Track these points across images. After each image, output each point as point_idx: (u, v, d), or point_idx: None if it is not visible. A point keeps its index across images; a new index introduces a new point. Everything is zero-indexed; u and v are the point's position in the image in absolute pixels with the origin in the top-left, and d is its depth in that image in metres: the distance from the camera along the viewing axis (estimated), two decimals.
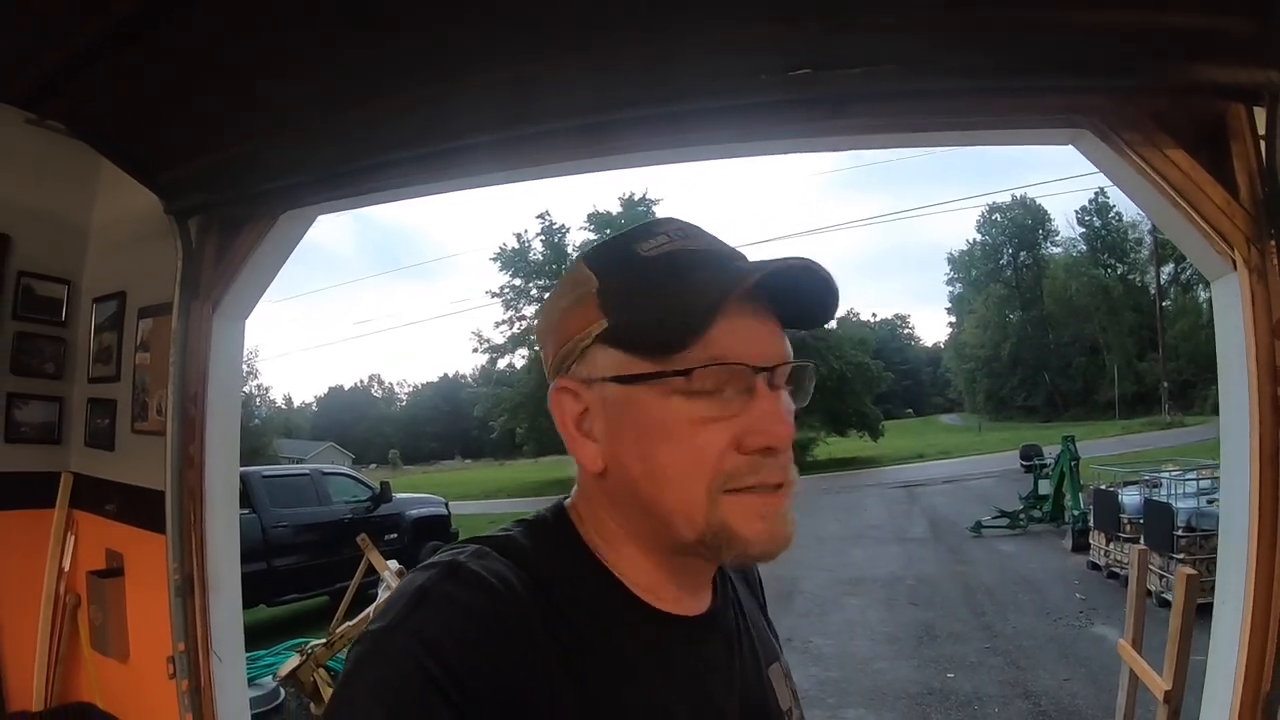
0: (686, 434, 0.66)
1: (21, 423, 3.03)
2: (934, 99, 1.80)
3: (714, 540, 0.67)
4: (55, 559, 3.04)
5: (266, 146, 2.39)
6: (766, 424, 0.66)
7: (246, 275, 2.70)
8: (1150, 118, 1.70)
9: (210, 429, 2.72)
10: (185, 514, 2.64)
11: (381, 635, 0.61)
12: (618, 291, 0.70)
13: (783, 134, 1.93)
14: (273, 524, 8.51)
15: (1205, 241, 1.70)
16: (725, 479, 0.66)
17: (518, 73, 1.95)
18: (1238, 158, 1.68)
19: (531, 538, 0.72)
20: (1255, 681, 1.60)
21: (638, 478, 0.68)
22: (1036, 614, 7.58)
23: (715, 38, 1.74)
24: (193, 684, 2.58)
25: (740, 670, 0.77)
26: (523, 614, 0.63)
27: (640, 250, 0.71)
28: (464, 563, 0.65)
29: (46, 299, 3.09)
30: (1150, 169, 1.70)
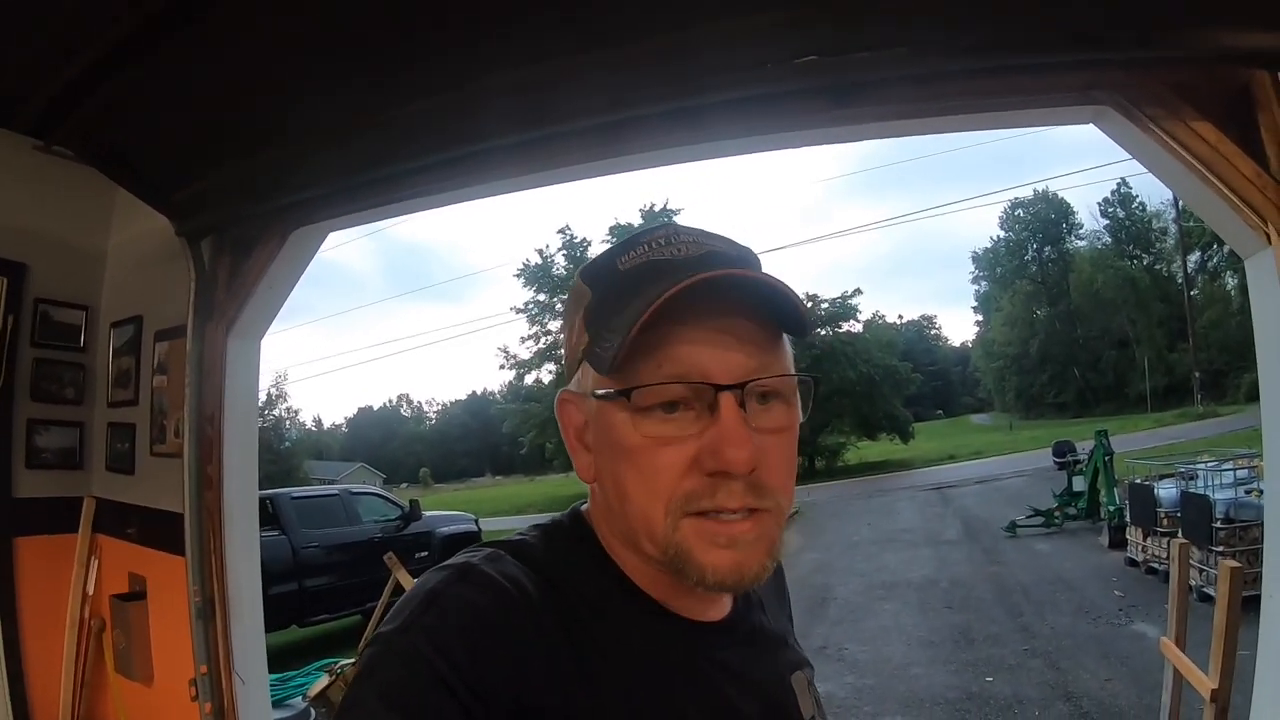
0: (644, 453, 0.65)
1: (43, 448, 3.04)
2: (947, 82, 1.72)
3: (673, 562, 0.65)
4: (79, 583, 3.05)
5: (273, 164, 2.39)
6: (720, 445, 0.62)
7: (260, 295, 2.69)
8: (1172, 90, 1.61)
9: (228, 450, 2.72)
10: (205, 535, 2.63)
11: (392, 636, 0.60)
12: (595, 308, 0.70)
13: (795, 125, 1.88)
14: (303, 545, 8.55)
15: (1236, 216, 1.61)
16: (684, 500, 0.64)
17: (528, 76, 1.92)
18: (1265, 128, 1.59)
19: (547, 541, 0.72)
20: None
21: (610, 492, 0.69)
22: (1075, 613, 7.39)
23: (724, 28, 1.70)
24: (216, 706, 2.56)
25: (761, 677, 0.76)
26: (535, 616, 0.62)
27: (619, 264, 0.70)
28: (476, 565, 0.65)
29: (64, 325, 3.11)
30: (1175, 143, 1.62)
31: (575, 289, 0.74)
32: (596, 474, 0.71)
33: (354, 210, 2.51)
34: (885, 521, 15.85)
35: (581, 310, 0.71)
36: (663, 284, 0.63)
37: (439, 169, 2.24)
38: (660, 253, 0.69)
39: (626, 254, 0.70)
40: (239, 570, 2.70)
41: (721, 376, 0.63)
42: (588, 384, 0.70)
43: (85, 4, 1.81)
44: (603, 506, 0.72)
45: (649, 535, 0.65)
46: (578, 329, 0.71)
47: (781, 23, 1.64)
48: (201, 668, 2.56)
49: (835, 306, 33.71)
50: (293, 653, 7.24)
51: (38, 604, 2.96)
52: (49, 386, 3.08)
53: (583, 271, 0.74)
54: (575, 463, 0.73)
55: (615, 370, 0.64)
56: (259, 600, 2.81)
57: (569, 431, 0.74)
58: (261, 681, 2.79)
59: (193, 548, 2.60)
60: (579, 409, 0.73)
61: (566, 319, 0.75)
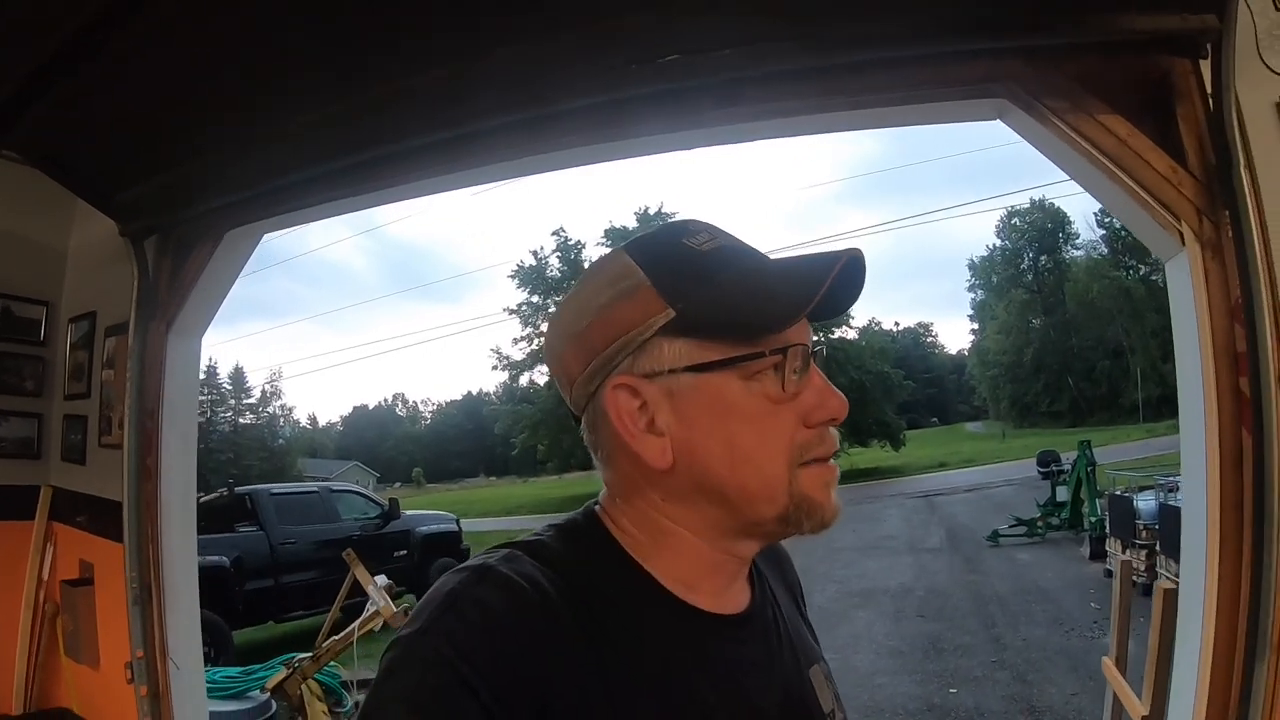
0: (771, 411, 0.67)
1: (2, 438, 3.06)
2: (833, 77, 1.62)
3: (796, 513, 0.68)
4: (34, 569, 3.06)
5: (205, 168, 2.38)
6: (827, 398, 0.69)
7: (198, 294, 2.69)
8: (1077, 81, 1.51)
9: (166, 443, 2.70)
10: (143, 525, 2.61)
11: (413, 639, 0.60)
12: (683, 281, 0.68)
13: (679, 125, 1.82)
14: (281, 541, 8.51)
15: (1150, 216, 1.50)
16: (799, 453, 0.67)
17: (453, 73, 1.90)
18: (1184, 119, 1.49)
19: (563, 541, 0.71)
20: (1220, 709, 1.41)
21: (717, 463, 0.67)
22: (1049, 625, 7.25)
23: (581, 33, 1.67)
24: (150, 690, 2.55)
25: (780, 669, 0.75)
26: (554, 615, 0.62)
27: (692, 244, 0.70)
28: (494, 566, 0.64)
29: (25, 320, 3.12)
30: (1081, 138, 1.51)
31: (613, 270, 0.71)
32: (682, 455, 0.68)
33: (284, 211, 2.48)
34: (870, 528, 15.71)
35: (643, 286, 0.68)
36: (804, 266, 0.69)
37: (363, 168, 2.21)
38: (728, 239, 0.72)
39: (692, 238, 0.71)
40: (175, 559, 2.68)
41: (808, 342, 0.70)
42: (672, 359, 0.67)
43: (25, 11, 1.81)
44: (688, 488, 0.69)
45: (770, 493, 0.67)
46: (641, 305, 0.68)
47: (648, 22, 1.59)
48: (138, 652, 2.55)
49: None
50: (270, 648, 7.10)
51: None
52: (9, 379, 3.09)
53: (632, 251, 0.72)
54: (641, 451, 0.68)
55: (753, 338, 0.66)
56: (195, 589, 2.79)
57: (623, 419, 0.68)
58: (196, 667, 2.77)
59: (130, 536, 2.59)
60: (637, 393, 0.68)
61: (598, 303, 0.70)
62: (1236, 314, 1.44)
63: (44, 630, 3.06)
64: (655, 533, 0.71)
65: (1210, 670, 1.42)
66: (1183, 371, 1.57)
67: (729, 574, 0.74)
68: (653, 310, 0.68)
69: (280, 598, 8.32)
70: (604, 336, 0.69)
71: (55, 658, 3.06)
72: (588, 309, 0.71)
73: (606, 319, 0.70)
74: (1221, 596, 1.41)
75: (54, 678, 3.08)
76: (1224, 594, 1.41)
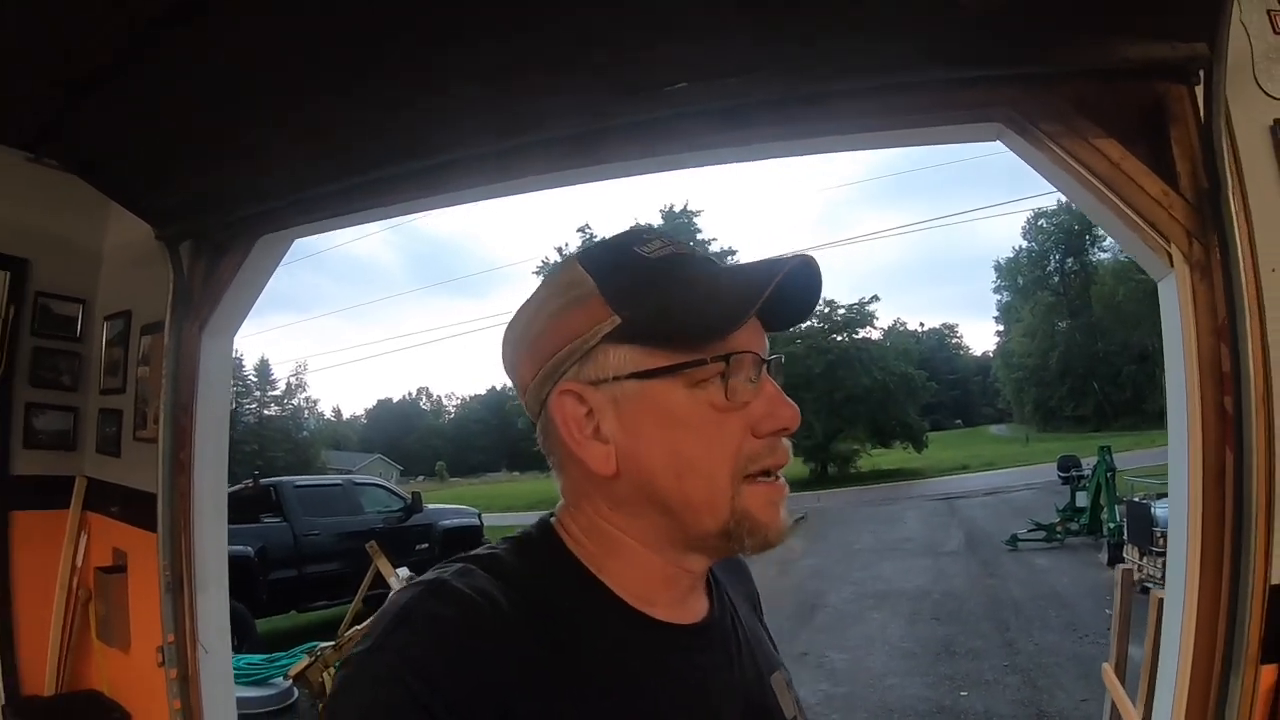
0: (716, 420, 0.67)
1: (39, 430, 3.17)
2: (839, 101, 1.68)
3: (737, 528, 0.67)
4: (69, 556, 3.17)
5: (239, 177, 2.48)
6: (777, 408, 0.69)
7: (231, 296, 2.79)
8: (1073, 106, 1.55)
9: (199, 437, 2.81)
10: (176, 515, 2.73)
11: (366, 657, 0.59)
12: (631, 289, 0.69)
13: (685, 146, 1.88)
14: (304, 532, 8.63)
15: (1140, 238, 1.54)
16: (745, 463, 0.67)
17: (487, 90, 1.95)
18: (1177, 143, 1.53)
19: (517, 553, 0.71)
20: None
21: (660, 472, 0.67)
22: (1063, 630, 7.22)
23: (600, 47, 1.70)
24: (180, 673, 2.66)
25: (741, 677, 0.75)
26: (508, 629, 0.61)
27: (642, 252, 0.71)
28: (448, 580, 0.64)
29: (62, 317, 3.24)
30: (1075, 161, 1.55)
31: (564, 278, 0.72)
32: (626, 463, 0.68)
33: (314, 219, 2.58)
34: (889, 530, 15.71)
35: (592, 294, 0.69)
36: (749, 271, 0.69)
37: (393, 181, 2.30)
38: (677, 248, 0.73)
39: (643, 245, 0.72)
40: (206, 549, 2.79)
41: (762, 351, 0.70)
42: (616, 367, 0.68)
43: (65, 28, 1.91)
44: (630, 496, 0.69)
45: (712, 505, 0.67)
46: (589, 313, 0.69)
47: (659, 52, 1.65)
48: (169, 637, 2.66)
49: (852, 312, 33.56)
50: (292, 637, 7.29)
51: (29, 575, 3.10)
52: (46, 373, 3.20)
53: (582, 259, 0.73)
54: (585, 457, 0.69)
55: (695, 345, 0.66)
56: (225, 577, 2.90)
57: (568, 425, 0.69)
58: (225, 652, 2.87)
59: (164, 526, 2.70)
60: (584, 399, 0.69)
61: (548, 311, 0.72)
62: (1223, 334, 1.47)
63: (76, 615, 3.17)
64: (606, 542, 0.71)
65: (1189, 680, 1.46)
66: (1171, 389, 1.60)
67: (684, 587, 0.74)
68: (599, 317, 0.68)
69: (303, 588, 8.45)
70: (553, 344, 0.70)
71: (87, 641, 3.17)
72: (539, 316, 0.72)
73: (556, 326, 0.70)
74: (1202, 608, 1.46)
75: (85, 661, 3.19)
76: (1204, 606, 1.45)
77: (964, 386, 70.67)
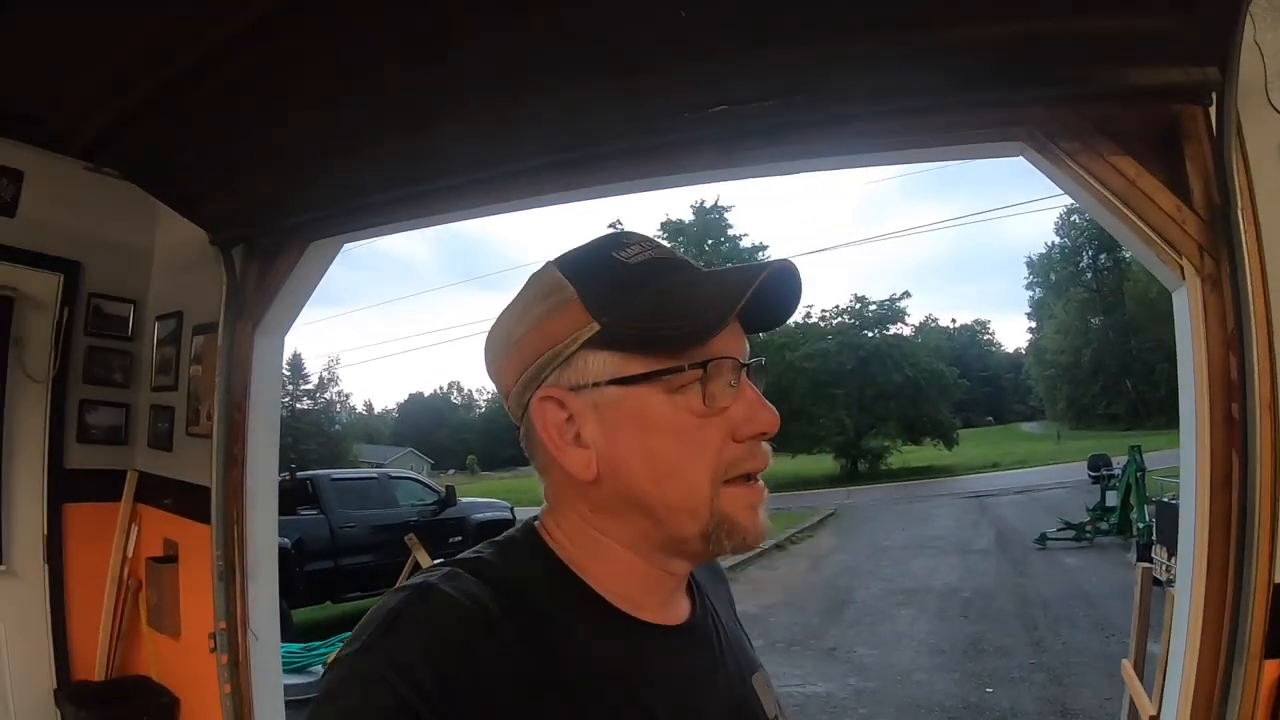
0: (695, 426, 0.67)
1: (92, 426, 3.33)
2: (868, 122, 1.77)
3: (716, 531, 0.68)
4: (120, 547, 3.33)
5: (290, 185, 2.61)
6: (756, 412, 0.69)
7: (282, 298, 2.92)
8: (1092, 125, 1.63)
9: (252, 433, 2.94)
10: (229, 507, 2.86)
11: (354, 660, 0.60)
12: (610, 295, 0.69)
13: (721, 164, 1.98)
14: (340, 525, 8.75)
15: (1153, 251, 1.62)
16: (725, 468, 0.68)
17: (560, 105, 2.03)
18: (1191, 160, 1.59)
19: (503, 557, 0.71)
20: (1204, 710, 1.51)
21: (640, 477, 0.68)
22: (1090, 629, 7.20)
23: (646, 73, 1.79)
24: (231, 659, 2.79)
25: (724, 678, 0.76)
26: (497, 632, 0.62)
27: (622, 258, 0.71)
28: (435, 584, 0.64)
29: (114, 317, 3.41)
30: (1091, 178, 1.63)
31: (544, 284, 0.72)
32: (607, 468, 0.69)
33: (362, 227, 2.70)
34: (919, 527, 15.63)
35: (572, 300, 0.70)
36: (728, 277, 0.70)
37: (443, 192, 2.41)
38: (658, 252, 0.73)
39: (622, 250, 0.72)
40: (258, 540, 2.92)
41: (741, 356, 0.70)
42: (596, 373, 0.68)
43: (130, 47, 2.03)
44: (611, 500, 0.70)
45: (692, 509, 0.68)
46: (569, 319, 0.69)
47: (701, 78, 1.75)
48: (220, 624, 2.79)
49: (883, 309, 33.24)
50: (328, 627, 7.44)
51: (81, 564, 3.26)
52: (99, 371, 3.36)
53: (561, 265, 0.73)
54: (566, 462, 0.70)
55: (673, 351, 0.67)
56: (274, 567, 3.02)
57: (549, 430, 0.70)
58: (273, 639, 3.00)
59: (217, 518, 2.83)
60: (564, 405, 0.70)
61: (530, 317, 0.72)
62: (1231, 344, 1.54)
63: (127, 604, 3.32)
64: (589, 545, 0.72)
65: (1196, 674, 1.54)
66: (1183, 395, 1.68)
67: (667, 589, 0.75)
68: (579, 324, 0.69)
69: (339, 579, 8.57)
70: (534, 349, 0.71)
71: (137, 629, 3.32)
72: (521, 322, 0.73)
73: (537, 332, 0.71)
74: (1209, 605, 1.53)
75: (135, 647, 3.35)
76: (1211, 603, 1.52)
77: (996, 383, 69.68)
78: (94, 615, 3.28)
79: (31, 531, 3.15)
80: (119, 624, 3.30)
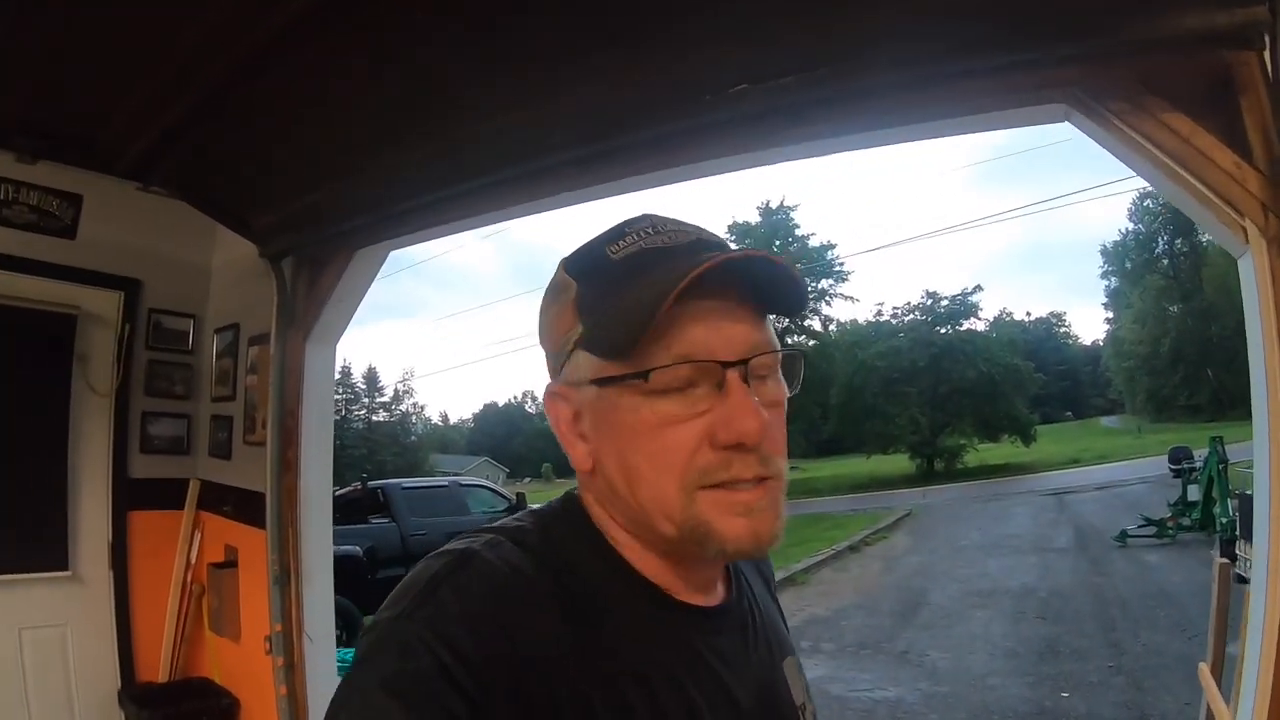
0: (656, 433, 0.64)
1: (155, 436, 3.46)
2: (898, 94, 1.66)
3: (692, 536, 0.65)
4: (183, 553, 3.44)
5: (335, 195, 2.64)
6: (734, 419, 0.63)
7: (332, 307, 2.98)
8: (1139, 81, 1.49)
9: (305, 439, 3.01)
10: (283, 512, 2.93)
11: (393, 624, 0.59)
12: (589, 296, 0.69)
13: (746, 146, 1.89)
14: (411, 532, 8.87)
15: (1215, 214, 1.46)
16: (699, 475, 0.64)
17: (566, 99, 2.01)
18: (1249, 113, 1.43)
19: (544, 528, 0.71)
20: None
21: (615, 477, 0.68)
22: (1171, 630, 6.83)
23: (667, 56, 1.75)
24: (286, 661, 2.84)
25: (755, 662, 0.75)
26: (536, 601, 0.62)
27: (609, 253, 0.70)
28: (477, 551, 0.64)
29: (175, 331, 3.53)
30: (1144, 139, 1.49)
31: (557, 282, 0.73)
32: (596, 462, 0.70)
33: (406, 232, 2.71)
34: (996, 526, 15.19)
35: (570, 300, 0.70)
36: (674, 267, 0.63)
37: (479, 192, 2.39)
38: (652, 240, 0.70)
39: (615, 244, 0.70)
40: (312, 544, 2.97)
41: (726, 354, 0.64)
42: (583, 373, 0.68)
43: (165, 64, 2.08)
44: (605, 493, 0.71)
45: (665, 514, 0.65)
46: (566, 319, 0.70)
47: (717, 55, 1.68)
48: (276, 626, 2.84)
49: (955, 304, 32.63)
50: None
51: (145, 570, 3.37)
52: (161, 384, 3.48)
53: (566, 263, 0.73)
54: (571, 454, 0.72)
55: (623, 355, 0.64)
56: (329, 571, 3.08)
57: (560, 425, 0.72)
58: (328, 641, 3.04)
59: (272, 523, 2.90)
60: (569, 401, 0.71)
61: (547, 312, 0.74)
62: None
63: (190, 608, 3.43)
64: (613, 529, 0.72)
65: (1274, 675, 1.39)
66: (1254, 370, 1.52)
67: (694, 576, 0.73)
68: (571, 324, 0.70)
69: None
70: (550, 343, 0.74)
71: (200, 632, 3.42)
72: (543, 318, 0.75)
73: (551, 329, 0.73)
74: None
75: (197, 650, 3.44)
76: None
77: (1073, 377, 66.99)
78: (158, 619, 3.38)
79: (97, 538, 3.26)
80: (182, 627, 3.40)
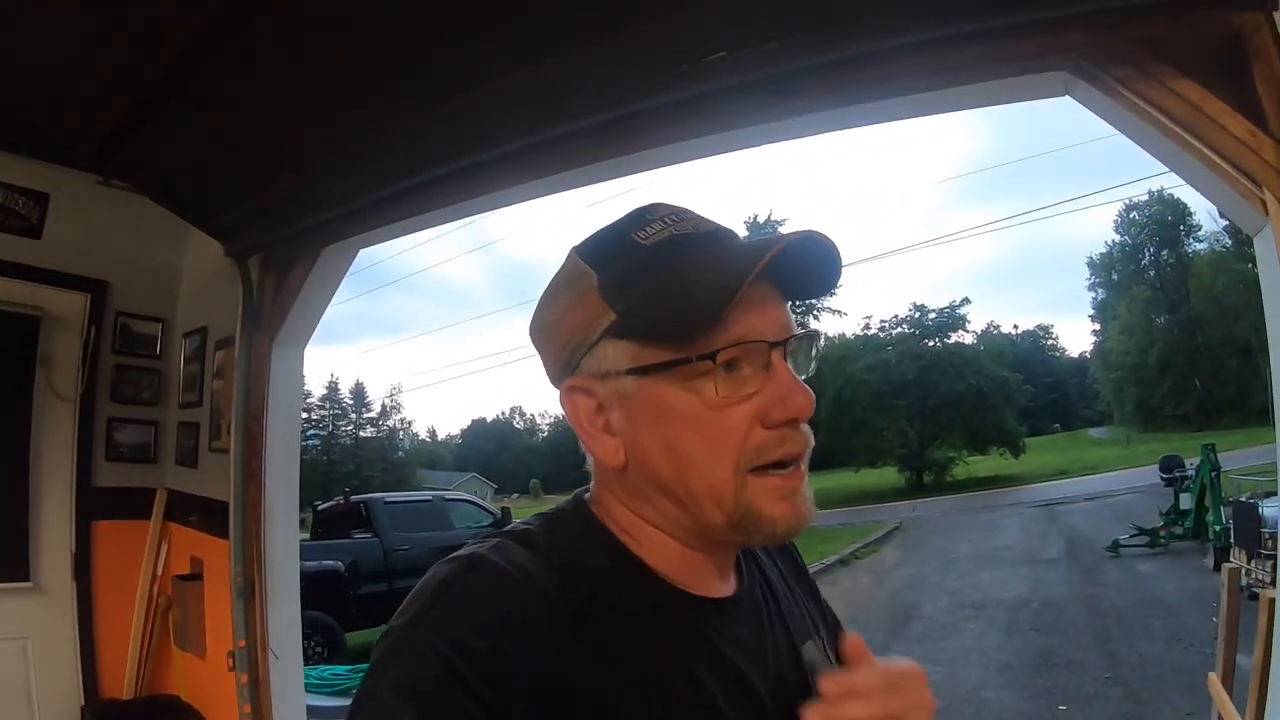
0: (712, 416, 0.64)
1: (121, 444, 3.31)
2: (886, 63, 1.55)
3: (742, 521, 0.65)
4: (149, 564, 3.29)
5: (299, 188, 2.52)
6: (788, 395, 0.64)
7: (299, 307, 2.85)
8: (1144, 46, 1.39)
9: (271, 447, 2.87)
10: (248, 523, 2.79)
11: (405, 630, 0.59)
12: (623, 282, 0.67)
13: (730, 124, 1.76)
14: (394, 547, 8.77)
15: (1230, 186, 1.36)
16: (752, 456, 0.64)
17: (529, 78, 1.88)
18: (1261, 79, 1.33)
19: (552, 529, 0.71)
20: None
21: (662, 466, 0.66)
22: (1167, 640, 6.73)
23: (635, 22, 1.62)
24: (251, 677, 2.70)
25: (773, 649, 0.74)
26: (546, 603, 0.61)
27: (638, 239, 0.69)
28: (485, 554, 0.64)
29: (142, 335, 3.39)
30: (1152, 108, 1.38)
31: (568, 272, 0.72)
32: (630, 455, 0.68)
33: (372, 227, 2.59)
34: (987, 538, 15.21)
35: (590, 288, 0.68)
36: (736, 254, 0.65)
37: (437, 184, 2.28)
38: (680, 227, 0.69)
39: (641, 230, 0.69)
40: (278, 556, 2.83)
41: (771, 335, 0.65)
42: (614, 363, 0.67)
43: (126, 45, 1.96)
44: (640, 487, 0.69)
45: (716, 499, 0.65)
46: (588, 308, 0.68)
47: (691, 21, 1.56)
48: (240, 642, 2.71)
49: (943, 316, 32.87)
50: None
51: (110, 582, 3.22)
52: (128, 389, 3.35)
53: (579, 251, 0.72)
54: (595, 450, 0.70)
55: (689, 339, 0.63)
56: (296, 585, 2.93)
57: (581, 420, 0.70)
58: (295, 658, 2.90)
59: (236, 534, 2.76)
60: (592, 394, 0.69)
61: (554, 303, 0.72)
62: None
63: (156, 622, 3.28)
64: (631, 525, 0.71)
65: None
66: (1274, 353, 1.43)
67: (711, 567, 0.72)
68: (597, 313, 0.68)
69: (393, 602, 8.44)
70: (562, 339, 0.71)
71: (166, 648, 3.28)
72: (552, 309, 0.72)
73: (563, 321, 0.71)
74: None
75: (164, 666, 3.29)
76: None
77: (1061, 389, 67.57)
78: (123, 633, 3.24)
79: (60, 549, 3.12)
80: (148, 642, 3.26)
